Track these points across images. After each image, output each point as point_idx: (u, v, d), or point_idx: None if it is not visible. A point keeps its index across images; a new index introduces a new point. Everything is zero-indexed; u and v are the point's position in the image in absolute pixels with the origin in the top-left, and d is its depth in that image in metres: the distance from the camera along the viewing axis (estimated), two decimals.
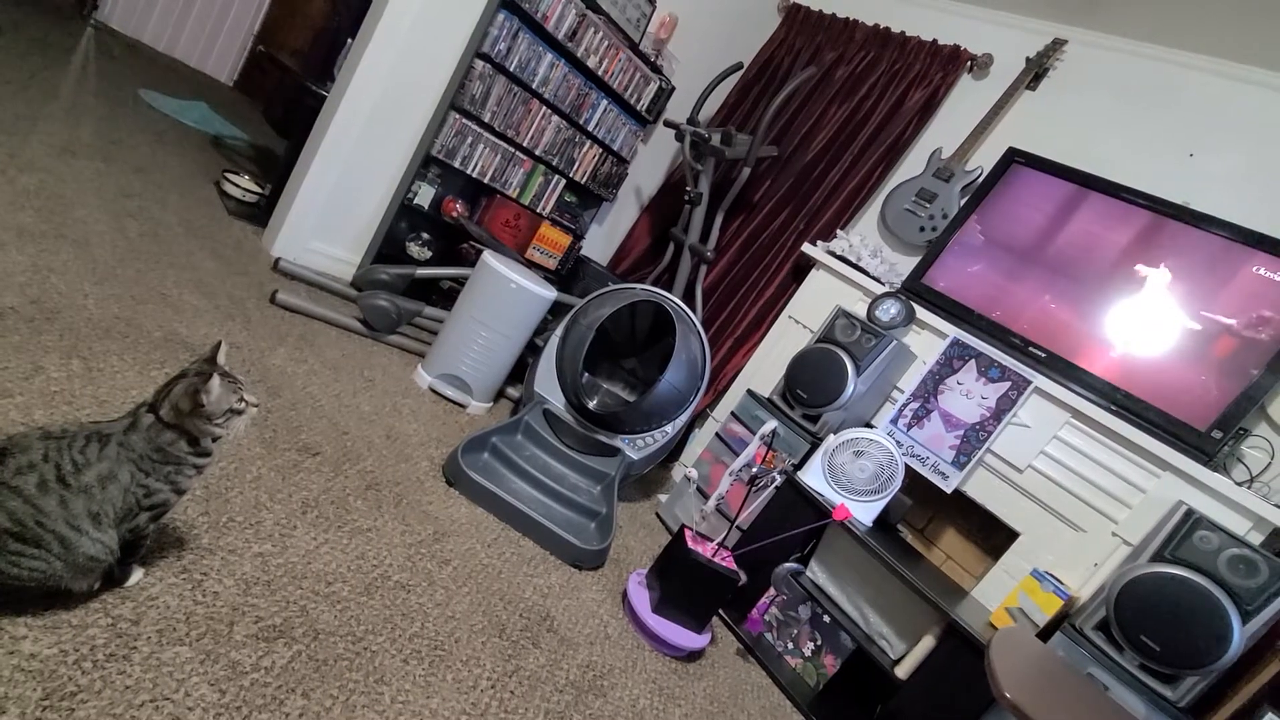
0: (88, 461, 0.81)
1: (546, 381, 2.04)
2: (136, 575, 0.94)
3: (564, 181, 2.74)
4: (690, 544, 1.63)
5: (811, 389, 2.09)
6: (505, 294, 1.98)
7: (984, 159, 2.38)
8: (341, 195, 2.37)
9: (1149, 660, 1.46)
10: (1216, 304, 1.82)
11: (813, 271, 2.47)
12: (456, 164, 2.40)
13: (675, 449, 2.47)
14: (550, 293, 2.06)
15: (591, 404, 2.00)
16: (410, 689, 1.04)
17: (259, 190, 2.70)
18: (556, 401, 2.02)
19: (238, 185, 2.65)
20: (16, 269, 1.43)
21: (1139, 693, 1.46)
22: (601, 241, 3.23)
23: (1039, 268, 2.13)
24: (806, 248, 2.49)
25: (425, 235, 2.57)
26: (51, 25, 3.48)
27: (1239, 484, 1.63)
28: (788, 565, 1.82)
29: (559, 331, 2.10)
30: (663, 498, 2.34)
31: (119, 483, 0.83)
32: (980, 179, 2.34)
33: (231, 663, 0.92)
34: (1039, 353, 2.01)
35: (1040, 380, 1.88)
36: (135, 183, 2.23)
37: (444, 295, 2.54)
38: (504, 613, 1.34)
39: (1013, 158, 2.25)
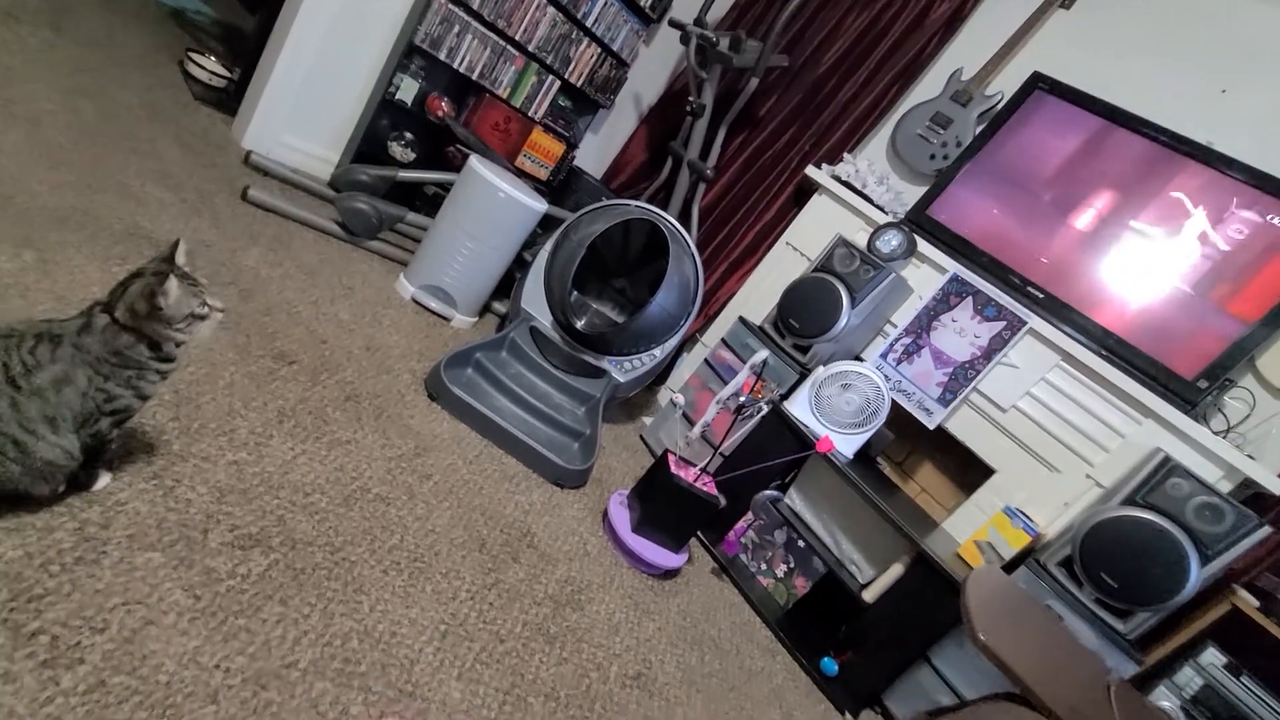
0: (39, 363, 0.75)
1: (534, 298, 1.98)
2: (103, 480, 0.91)
3: (558, 83, 2.56)
4: (673, 468, 1.63)
5: (804, 319, 2.05)
6: (493, 203, 1.88)
7: (1006, 84, 2.25)
8: (317, 84, 2.19)
9: (1106, 596, 1.52)
10: (1223, 252, 1.77)
11: (815, 197, 2.37)
12: (442, 56, 2.22)
13: (662, 373, 2.45)
14: (541, 205, 1.96)
15: (579, 323, 1.95)
16: (389, 599, 1.05)
17: (227, 74, 2.49)
18: (543, 319, 1.96)
19: (203, 68, 2.44)
20: None
21: (1091, 624, 1.53)
22: (596, 152, 3.07)
23: (1048, 206, 2.05)
24: (811, 171, 2.38)
25: (409, 135, 2.41)
26: None
27: (1216, 433, 1.65)
28: (767, 492, 1.85)
29: (548, 247, 2.02)
30: (647, 420, 2.35)
31: (75, 386, 0.78)
32: (1000, 105, 2.22)
33: (206, 569, 0.91)
34: (1037, 293, 1.97)
35: (1035, 321, 1.86)
36: (89, 57, 2.04)
37: (429, 201, 2.42)
38: (485, 528, 1.35)
39: (1037, 83, 2.12)
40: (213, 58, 2.50)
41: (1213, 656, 1.57)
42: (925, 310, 2.03)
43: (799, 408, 1.93)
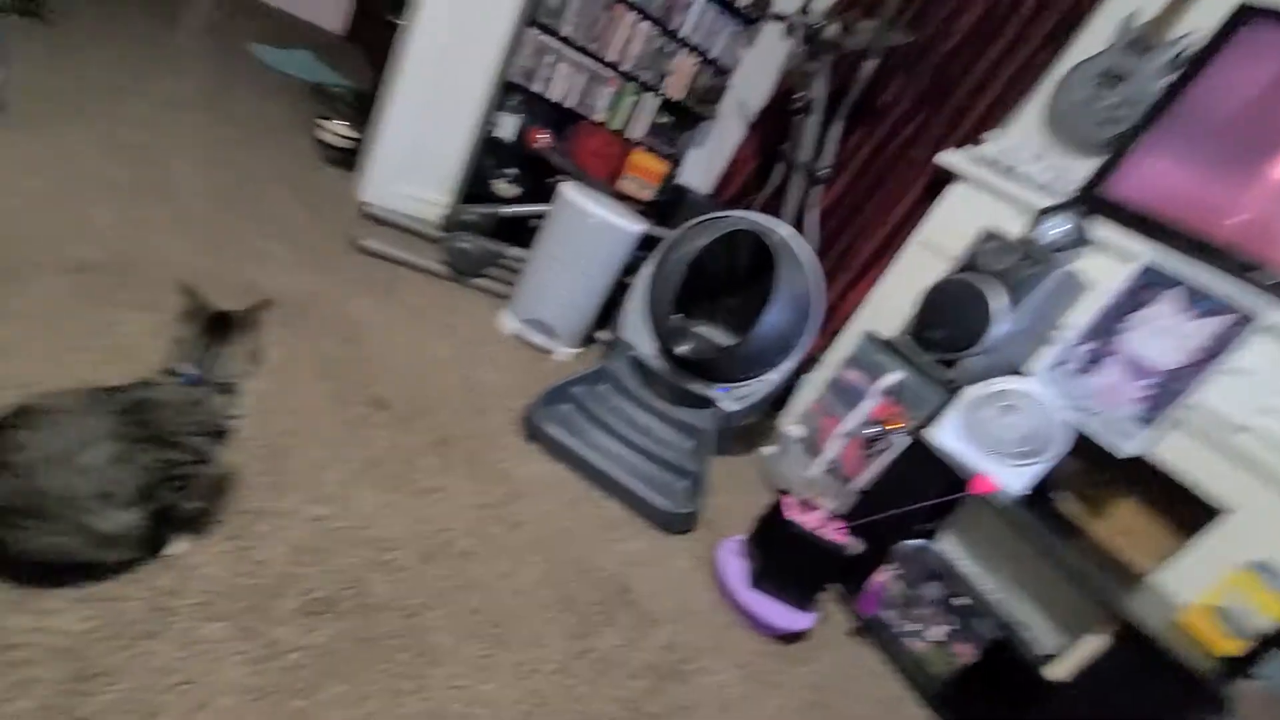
0: (93, 440, 0.73)
1: (634, 325, 1.86)
2: (179, 546, 0.90)
3: (657, 100, 2.46)
4: (791, 512, 1.41)
5: (949, 329, 1.74)
6: (584, 229, 1.79)
7: (1199, 22, 1.79)
8: (424, 132, 2.26)
9: None
10: None
11: (952, 185, 2.04)
12: (535, 88, 2.20)
13: (780, 398, 2.22)
14: (636, 226, 1.85)
15: (683, 349, 1.79)
16: (464, 673, 0.95)
17: (354, 135, 2.67)
18: (645, 347, 1.83)
19: (332, 131, 2.63)
20: (103, 223, 1.45)
21: None
22: (704, 166, 2.93)
23: (1273, 166, 1.58)
24: (946, 157, 2.06)
25: (512, 170, 2.43)
26: None
27: None
28: (912, 542, 1.56)
29: (649, 269, 1.90)
30: (767, 452, 2.12)
31: (134, 463, 0.76)
32: (1192, 49, 1.77)
33: (271, 641, 0.85)
34: (1269, 278, 1.51)
35: (1271, 313, 1.42)
36: (233, 133, 2.26)
37: (533, 235, 2.40)
38: (576, 584, 1.22)
39: (1247, 12, 1.66)
40: (341, 122, 2.69)
41: None
42: (1110, 309, 1.63)
43: (947, 436, 1.62)
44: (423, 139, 2.27)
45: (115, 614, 0.79)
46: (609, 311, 2.06)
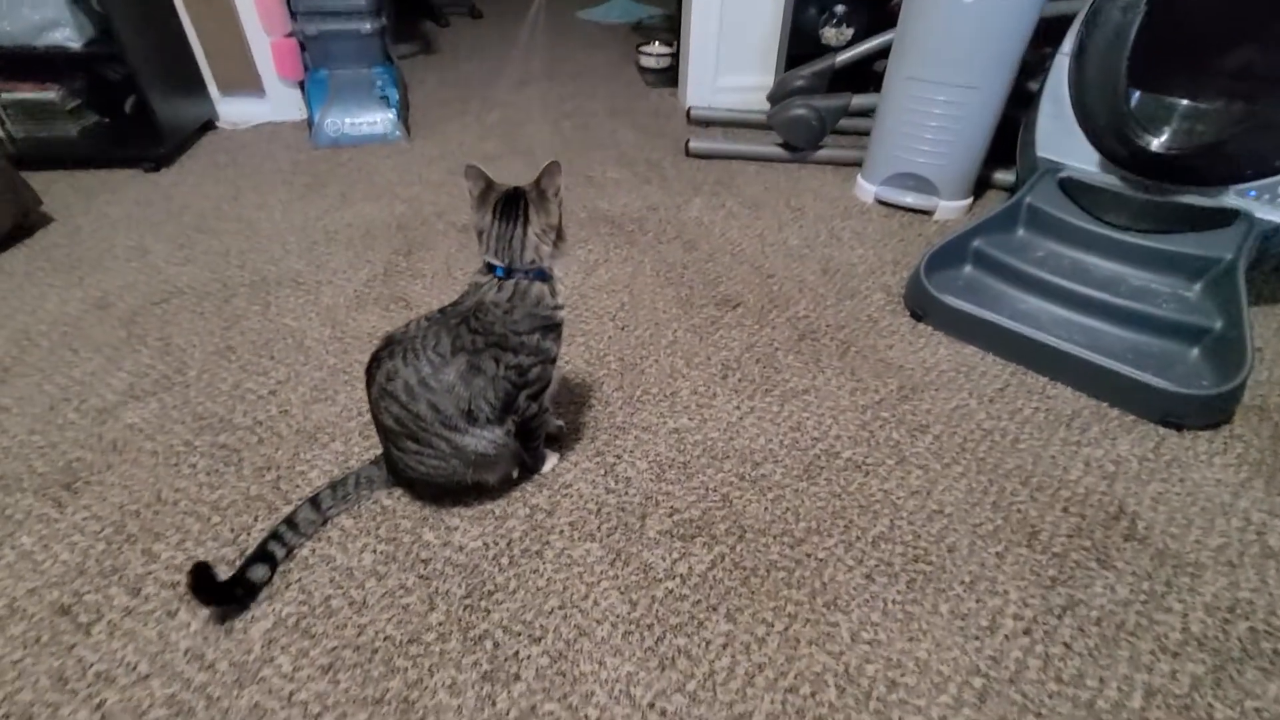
0: (444, 359, 0.71)
1: (1056, 135, 1.26)
2: (550, 462, 0.87)
3: None
4: None
5: None
6: (953, 14, 1.27)
7: None
8: (730, 16, 2.01)
9: None
10: None
11: None
12: None
13: None
14: None
15: (1159, 140, 1.13)
16: (879, 622, 0.70)
17: (670, 52, 2.57)
18: (1081, 161, 1.23)
19: (650, 54, 2.58)
20: None
21: None
22: None
23: None
24: None
25: (839, 8, 1.96)
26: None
27: None
28: None
29: (1068, 50, 1.26)
30: None
31: (484, 373, 0.72)
32: None
33: (643, 565, 0.75)
34: None
35: None
36: (570, 89, 2.37)
37: (880, 81, 1.92)
38: (1032, 506, 0.83)
39: None
40: (656, 43, 2.62)
41: None
42: None
43: None
44: (731, 22, 2.02)
45: (502, 532, 0.78)
46: (1003, 139, 1.47)
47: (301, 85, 2.00)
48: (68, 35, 1.58)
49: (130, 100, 1.85)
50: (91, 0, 1.58)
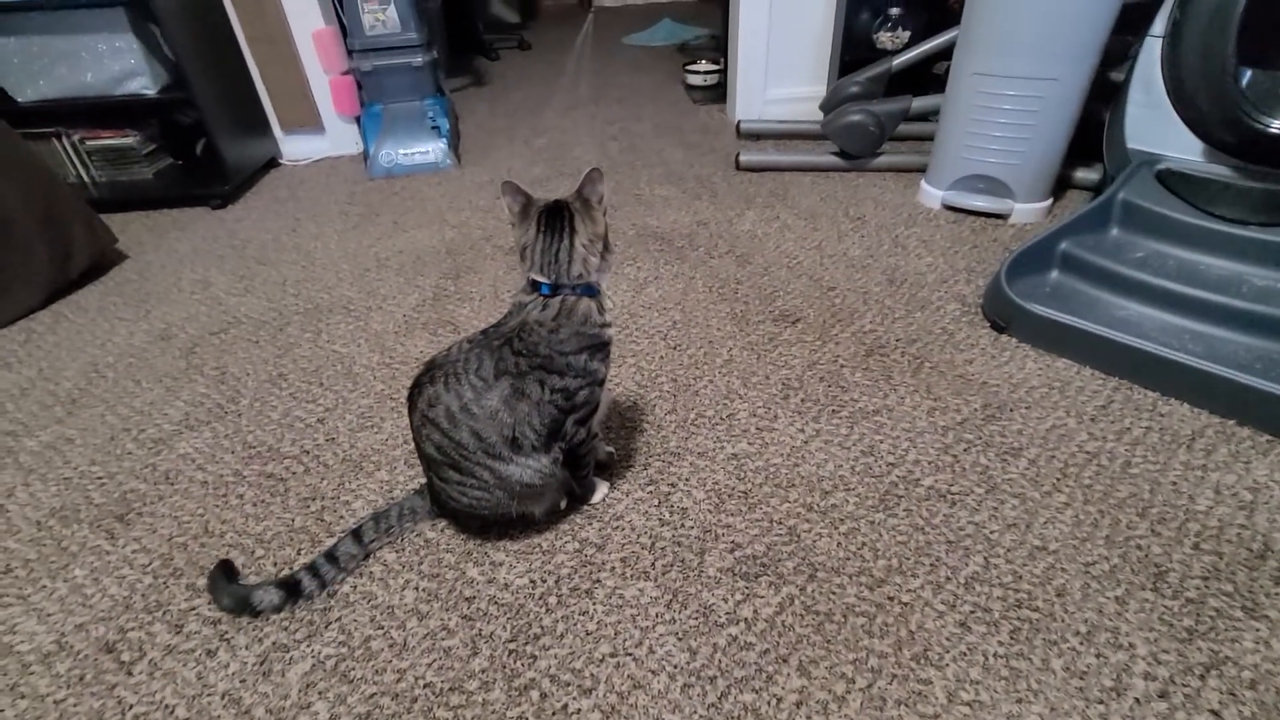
0: (486, 383, 0.67)
1: (1148, 125, 1.15)
2: (600, 492, 0.81)
3: None
4: None
5: None
6: (1026, 2, 1.18)
7: None
8: (779, 26, 1.96)
9: None
10: None
11: None
12: None
13: None
14: None
15: (1278, 122, 1.00)
16: (981, 681, 0.60)
17: (716, 69, 2.54)
18: (1181, 150, 1.11)
19: (697, 72, 2.56)
20: None
21: None
22: None
23: None
24: None
25: (894, 11, 1.89)
26: (564, 23, 4.22)
27: None
28: None
29: (1160, 28, 1.14)
30: None
31: (529, 398, 0.67)
32: None
33: (703, 607, 0.67)
34: None
35: None
36: (616, 111, 2.37)
37: (941, 83, 1.82)
38: (1155, 541, 0.72)
39: None
40: (703, 61, 2.60)
41: None
42: None
43: None
44: (781, 31, 1.97)
45: (550, 569, 0.73)
46: (1085, 135, 1.35)
47: (358, 120, 2.06)
48: (144, 83, 1.68)
49: (201, 142, 1.95)
50: (165, 49, 1.67)
